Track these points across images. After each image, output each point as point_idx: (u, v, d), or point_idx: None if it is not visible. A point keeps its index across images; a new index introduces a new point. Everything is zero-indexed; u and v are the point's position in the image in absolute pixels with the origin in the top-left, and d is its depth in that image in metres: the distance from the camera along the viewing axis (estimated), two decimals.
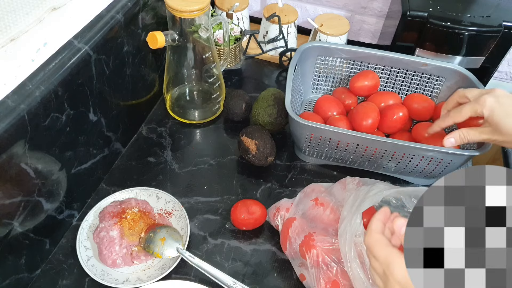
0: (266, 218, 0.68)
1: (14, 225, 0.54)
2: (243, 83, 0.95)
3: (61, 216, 0.64)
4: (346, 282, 0.56)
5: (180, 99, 0.85)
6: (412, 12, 0.76)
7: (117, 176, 0.75)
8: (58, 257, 0.64)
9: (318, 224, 0.62)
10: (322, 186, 0.69)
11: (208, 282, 0.60)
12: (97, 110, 0.66)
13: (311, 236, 0.60)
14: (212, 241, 0.67)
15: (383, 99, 0.80)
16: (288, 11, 0.96)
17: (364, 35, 1.04)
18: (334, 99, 0.82)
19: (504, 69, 0.97)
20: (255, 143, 0.73)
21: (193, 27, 0.72)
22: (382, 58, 0.81)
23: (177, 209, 0.69)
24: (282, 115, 0.78)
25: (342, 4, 0.99)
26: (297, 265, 0.63)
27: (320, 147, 0.73)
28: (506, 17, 0.75)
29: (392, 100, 0.79)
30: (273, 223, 0.67)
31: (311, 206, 0.64)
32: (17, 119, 0.50)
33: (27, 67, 0.53)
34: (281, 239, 0.65)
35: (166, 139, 0.82)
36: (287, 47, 0.95)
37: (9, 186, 0.52)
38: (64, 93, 0.57)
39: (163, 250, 0.62)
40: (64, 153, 0.61)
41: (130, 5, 0.68)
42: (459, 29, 0.74)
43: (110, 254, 0.61)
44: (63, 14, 0.57)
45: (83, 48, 0.59)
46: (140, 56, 0.75)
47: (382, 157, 0.71)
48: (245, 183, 0.75)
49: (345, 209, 0.59)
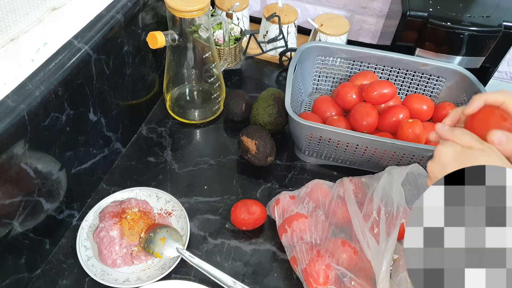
0: (266, 218, 0.68)
1: (14, 225, 0.54)
2: (243, 83, 0.95)
3: (61, 216, 0.64)
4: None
5: (180, 99, 0.85)
6: (412, 12, 0.76)
7: (117, 176, 0.75)
8: (58, 257, 0.64)
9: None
10: (324, 183, 0.69)
11: (208, 282, 0.60)
12: (97, 110, 0.66)
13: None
14: (212, 241, 0.67)
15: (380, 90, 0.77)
16: (288, 11, 0.96)
17: (364, 35, 1.04)
18: (331, 100, 0.82)
19: (504, 69, 0.97)
20: (255, 143, 0.73)
21: (193, 27, 0.72)
22: (382, 58, 0.81)
23: (177, 209, 0.69)
24: (282, 115, 0.78)
25: (342, 4, 1.00)
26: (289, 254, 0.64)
27: (320, 147, 0.73)
28: (506, 17, 0.75)
29: (387, 89, 0.77)
30: (273, 215, 0.68)
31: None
32: (17, 119, 0.50)
33: (27, 67, 0.53)
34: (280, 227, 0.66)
35: (166, 139, 0.82)
36: (287, 47, 0.95)
37: (9, 186, 0.52)
38: (64, 93, 0.57)
39: (163, 250, 0.62)
40: (64, 153, 0.61)
41: (130, 5, 0.68)
42: (459, 29, 0.74)
43: (110, 254, 0.61)
44: (63, 14, 0.57)
45: (83, 48, 0.59)
46: (140, 56, 0.75)
47: (382, 157, 0.71)
48: (245, 183, 0.75)
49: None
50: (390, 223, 0.58)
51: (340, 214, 0.65)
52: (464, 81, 0.78)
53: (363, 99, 0.79)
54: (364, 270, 0.59)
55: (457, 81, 0.79)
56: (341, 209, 0.65)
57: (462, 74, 0.78)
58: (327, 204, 0.66)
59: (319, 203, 0.67)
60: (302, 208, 0.66)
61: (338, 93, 0.81)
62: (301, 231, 0.63)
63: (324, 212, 0.66)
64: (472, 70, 0.78)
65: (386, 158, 0.71)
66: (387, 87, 0.76)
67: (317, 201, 0.67)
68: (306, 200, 0.67)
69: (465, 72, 0.78)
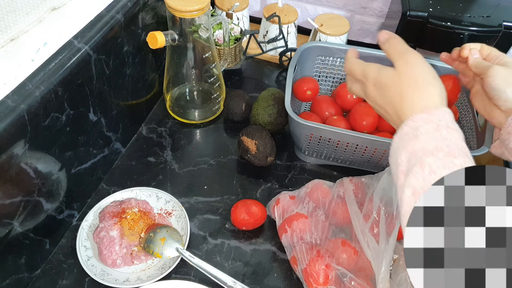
0: (266, 218, 0.68)
1: (14, 225, 0.54)
2: (243, 83, 0.95)
3: (61, 216, 0.64)
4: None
5: (180, 99, 0.85)
6: (412, 12, 0.76)
7: (117, 176, 0.75)
8: (58, 257, 0.64)
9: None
10: (324, 183, 0.69)
11: (208, 282, 0.60)
12: (97, 110, 0.66)
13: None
14: (212, 241, 0.67)
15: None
16: (288, 11, 0.96)
17: (364, 35, 1.04)
18: (331, 100, 0.82)
19: None
20: (255, 143, 0.73)
21: (193, 27, 0.72)
22: (382, 58, 0.81)
23: (177, 209, 0.69)
24: (282, 115, 0.78)
25: (342, 4, 1.00)
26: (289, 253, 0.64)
27: (320, 147, 0.73)
28: (506, 17, 0.75)
29: None
30: (273, 215, 0.68)
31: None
32: (17, 119, 0.50)
33: (27, 67, 0.53)
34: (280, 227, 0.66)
35: (166, 139, 0.82)
36: (287, 47, 0.95)
37: (9, 186, 0.52)
38: (64, 93, 0.57)
39: (163, 250, 0.62)
40: (64, 153, 0.61)
41: (130, 5, 0.68)
42: (459, 29, 0.74)
43: (110, 254, 0.61)
44: (63, 14, 0.57)
45: (83, 48, 0.59)
46: (140, 56, 0.75)
47: (382, 157, 0.71)
48: (245, 183, 0.75)
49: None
50: (390, 223, 0.58)
51: (340, 214, 0.65)
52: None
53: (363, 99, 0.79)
54: (364, 270, 0.59)
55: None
56: (341, 209, 0.65)
57: None
58: (327, 204, 0.66)
59: (319, 203, 0.67)
60: (302, 208, 0.66)
61: (338, 93, 0.81)
62: (301, 231, 0.63)
63: (324, 212, 0.66)
64: None
65: (386, 158, 0.71)
66: None
67: (317, 201, 0.67)
68: (306, 200, 0.67)
69: None
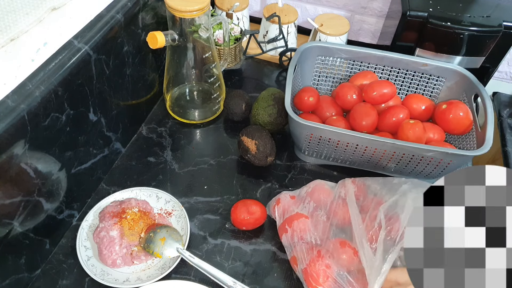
0: (266, 218, 0.68)
1: (14, 225, 0.54)
2: (243, 83, 0.95)
3: (61, 216, 0.64)
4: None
5: (180, 99, 0.85)
6: (412, 12, 0.76)
7: (117, 176, 0.75)
8: (58, 257, 0.64)
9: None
10: (326, 183, 0.69)
11: (208, 282, 0.60)
12: (97, 110, 0.66)
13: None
14: (212, 241, 0.67)
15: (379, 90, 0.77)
16: (288, 11, 0.96)
17: (364, 35, 1.04)
18: (331, 100, 0.82)
19: (504, 69, 0.97)
20: (255, 143, 0.73)
21: (193, 27, 0.72)
22: (382, 58, 0.81)
23: (177, 209, 0.69)
24: (282, 115, 0.78)
25: (342, 4, 1.00)
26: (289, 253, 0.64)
27: (320, 147, 0.73)
28: (506, 17, 0.75)
29: (387, 89, 0.77)
30: (273, 215, 0.68)
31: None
32: (17, 119, 0.50)
33: (27, 67, 0.53)
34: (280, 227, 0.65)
35: (166, 139, 0.82)
36: (287, 47, 0.95)
37: (9, 186, 0.52)
38: (64, 93, 0.57)
39: (163, 250, 0.62)
40: (64, 153, 0.61)
41: (130, 5, 0.68)
42: (459, 29, 0.74)
43: (110, 254, 0.61)
44: (63, 14, 0.57)
45: (83, 48, 0.59)
46: (140, 56, 0.75)
47: (382, 157, 0.71)
48: (245, 183, 0.75)
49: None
50: (389, 243, 0.56)
51: (341, 215, 0.65)
52: (464, 81, 0.78)
53: (363, 99, 0.79)
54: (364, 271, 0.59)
55: (457, 81, 0.79)
56: (342, 210, 0.65)
57: (462, 74, 0.78)
58: (328, 205, 0.66)
59: (320, 203, 0.67)
60: (302, 208, 0.66)
61: (338, 93, 0.81)
62: (302, 231, 0.63)
63: (325, 212, 0.66)
64: (472, 70, 0.78)
65: (386, 158, 0.71)
66: (387, 87, 0.76)
67: (318, 201, 0.67)
68: (307, 200, 0.67)
69: (465, 72, 0.78)
